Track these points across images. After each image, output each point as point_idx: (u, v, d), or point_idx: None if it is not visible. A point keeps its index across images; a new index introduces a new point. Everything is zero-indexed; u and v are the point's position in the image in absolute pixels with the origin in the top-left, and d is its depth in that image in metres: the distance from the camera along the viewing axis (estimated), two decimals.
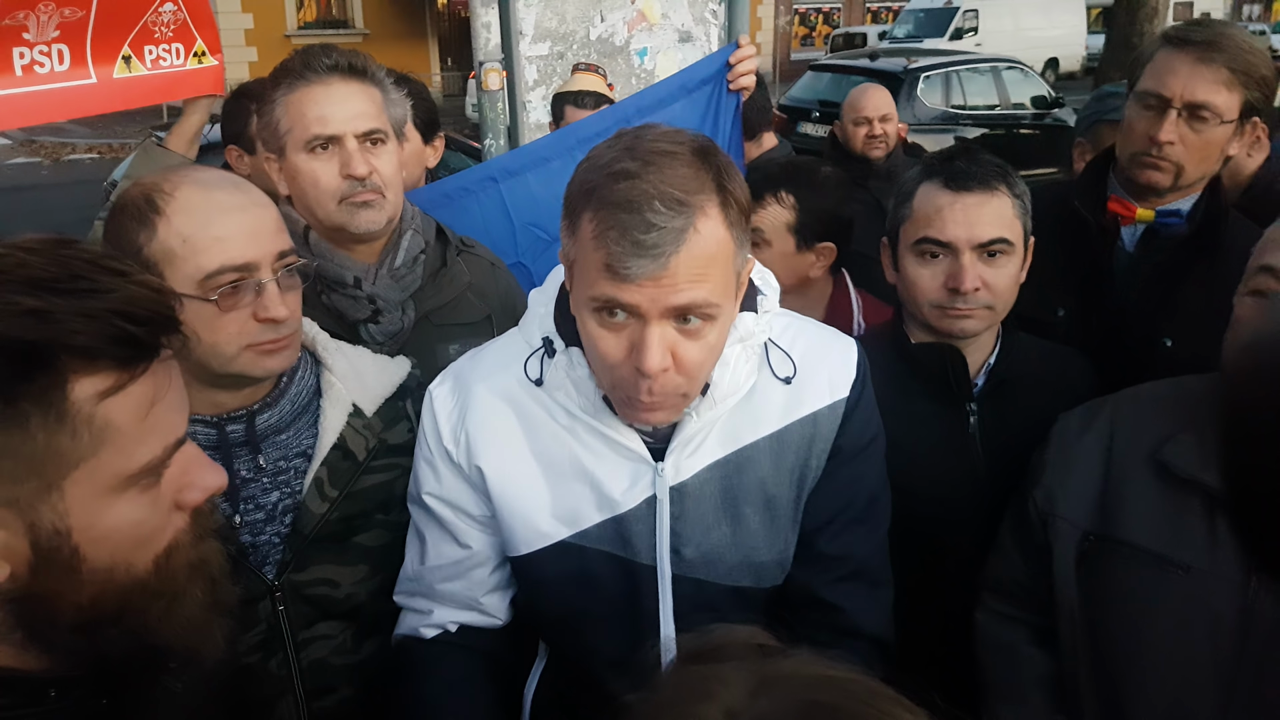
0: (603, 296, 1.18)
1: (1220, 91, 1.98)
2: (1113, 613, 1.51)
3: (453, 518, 1.47)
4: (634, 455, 1.37)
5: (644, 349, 1.18)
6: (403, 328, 1.95)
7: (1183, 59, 2.00)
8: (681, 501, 1.37)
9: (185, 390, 0.98)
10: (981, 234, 1.73)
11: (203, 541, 1.00)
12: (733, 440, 1.39)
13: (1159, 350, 2.02)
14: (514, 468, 1.41)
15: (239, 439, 1.51)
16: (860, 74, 11.87)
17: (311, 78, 1.83)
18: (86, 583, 0.88)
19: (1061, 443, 1.65)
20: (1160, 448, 1.50)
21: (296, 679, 1.54)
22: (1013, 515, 1.72)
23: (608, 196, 1.15)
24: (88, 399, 0.85)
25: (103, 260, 0.89)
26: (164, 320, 0.91)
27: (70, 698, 0.93)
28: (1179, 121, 2.00)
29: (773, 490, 1.41)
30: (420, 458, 1.49)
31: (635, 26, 6.61)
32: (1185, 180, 2.05)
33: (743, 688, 0.60)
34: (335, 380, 1.60)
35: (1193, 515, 1.45)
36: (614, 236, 1.14)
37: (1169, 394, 1.59)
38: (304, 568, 1.53)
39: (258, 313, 1.41)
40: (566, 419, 1.38)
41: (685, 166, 1.17)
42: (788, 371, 1.41)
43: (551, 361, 1.37)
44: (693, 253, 1.15)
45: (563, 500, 1.39)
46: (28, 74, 2.14)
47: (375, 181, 1.85)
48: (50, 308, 0.82)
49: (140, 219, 1.36)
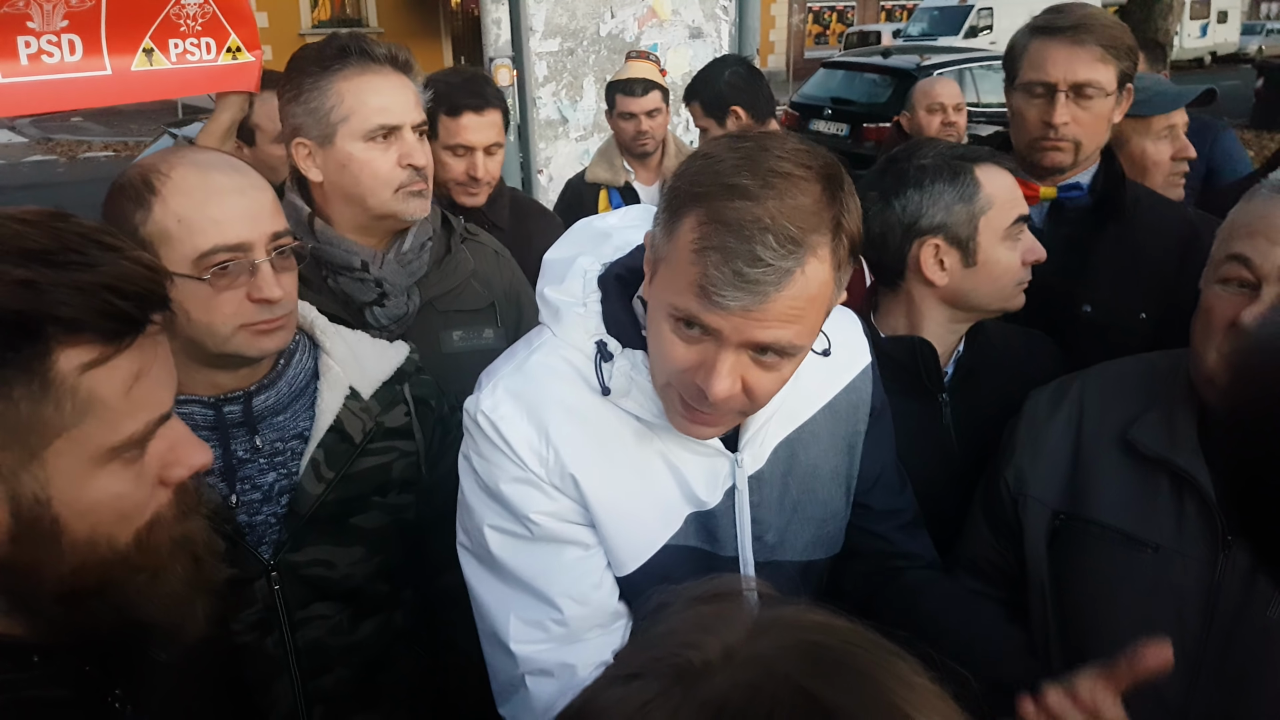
0: (686, 311, 1.11)
1: (1098, 68, 2.13)
2: (1082, 591, 1.53)
3: (569, 527, 1.31)
4: (709, 450, 1.33)
5: (713, 374, 1.12)
6: (407, 312, 1.97)
7: (1058, 45, 2.15)
8: (760, 489, 1.37)
9: (173, 366, 0.98)
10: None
11: (187, 519, 1.00)
12: (791, 420, 1.40)
13: (1081, 318, 2.12)
14: (611, 480, 1.30)
15: (236, 419, 1.52)
16: (873, 71, 11.87)
17: (370, 66, 1.86)
18: (67, 553, 0.89)
19: (1031, 422, 1.67)
20: (1128, 427, 1.52)
21: (292, 659, 1.55)
22: (984, 493, 1.73)
23: (718, 212, 1.07)
24: (72, 370, 0.85)
25: (97, 235, 0.90)
26: (154, 296, 0.91)
27: (55, 664, 0.93)
28: (1068, 103, 2.14)
29: (833, 460, 1.45)
30: (506, 481, 1.30)
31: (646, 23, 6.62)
32: (1084, 154, 2.19)
33: (742, 628, 0.60)
34: (333, 363, 1.61)
35: (1161, 494, 1.47)
36: (715, 260, 1.06)
37: (1136, 372, 1.61)
38: (300, 548, 1.54)
39: (252, 293, 1.42)
40: (638, 424, 1.31)
41: (807, 197, 1.08)
42: (824, 345, 1.37)
43: (610, 366, 1.28)
44: (793, 293, 1.08)
45: (658, 502, 1.33)
46: (34, 63, 2.14)
47: (426, 172, 1.92)
48: (40, 279, 0.83)
49: (137, 199, 1.37)
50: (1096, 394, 1.62)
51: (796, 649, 0.58)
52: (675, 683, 0.57)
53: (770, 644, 0.58)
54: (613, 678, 0.60)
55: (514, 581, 1.32)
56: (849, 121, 11.47)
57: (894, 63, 11.74)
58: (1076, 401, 1.63)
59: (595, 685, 0.61)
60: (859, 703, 0.55)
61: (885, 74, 11.58)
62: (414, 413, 1.69)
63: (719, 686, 0.56)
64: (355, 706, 1.62)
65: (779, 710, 0.53)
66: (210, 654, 1.24)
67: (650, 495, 1.32)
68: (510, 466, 1.30)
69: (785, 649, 0.58)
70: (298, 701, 1.56)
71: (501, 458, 1.30)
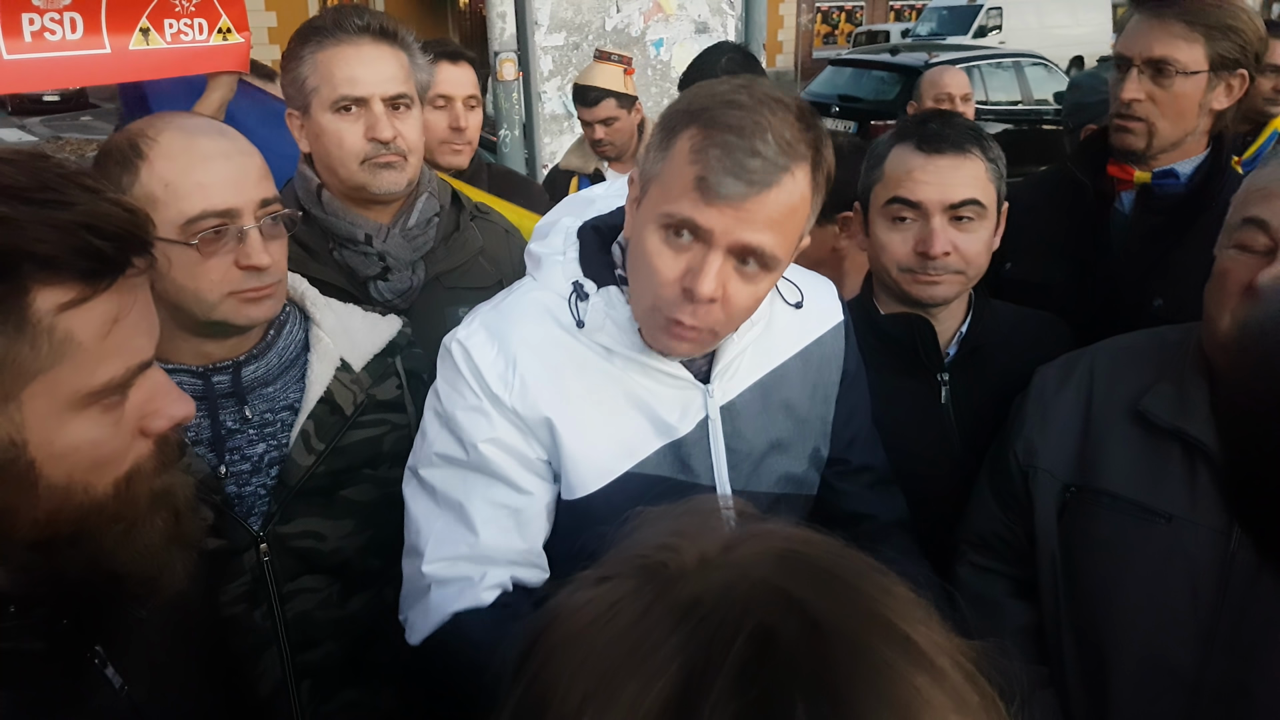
0: (679, 215, 1.21)
1: (1178, 45, 1.98)
2: (1094, 563, 1.51)
3: (509, 463, 1.38)
4: (682, 382, 1.40)
5: (702, 273, 1.21)
6: (412, 286, 1.96)
7: (1140, 18, 2.04)
8: (732, 420, 1.44)
9: (155, 314, 0.97)
10: (953, 195, 1.70)
11: (167, 472, 0.99)
12: (766, 362, 1.49)
13: (1148, 312, 2.01)
14: (572, 407, 1.38)
15: (225, 389, 1.51)
16: (881, 68, 11.84)
17: (342, 37, 1.86)
18: (43, 499, 0.88)
19: (1040, 395, 1.65)
20: (1140, 398, 1.50)
21: (281, 631, 1.53)
22: (991, 467, 1.71)
23: (720, 118, 1.19)
24: (48, 310, 0.84)
25: (77, 176, 0.89)
26: (133, 239, 0.90)
27: (31, 617, 0.92)
28: (1142, 79, 2.02)
29: (803, 405, 1.53)
30: (463, 409, 1.39)
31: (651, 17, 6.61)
32: (1161, 140, 2.04)
33: (719, 538, 0.60)
34: (323, 334, 1.60)
35: (1173, 464, 1.45)
36: (717, 155, 1.18)
37: (1147, 344, 1.60)
38: (289, 520, 1.53)
39: (240, 260, 1.41)
40: (610, 358, 1.39)
41: (795, 120, 1.21)
42: (797, 298, 1.54)
43: (586, 305, 1.38)
44: (780, 197, 1.20)
45: (621, 433, 1.40)
46: (38, 40, 2.16)
47: (399, 145, 1.89)
48: (17, 215, 0.82)
49: (123, 163, 1.36)
50: (1106, 366, 1.60)
51: (774, 555, 0.57)
52: (647, 583, 0.56)
53: (748, 550, 0.57)
54: (583, 580, 0.59)
55: (444, 503, 1.40)
56: (857, 119, 11.43)
57: (902, 60, 11.70)
58: (1086, 374, 1.61)
59: (566, 590, 0.60)
60: (841, 609, 0.53)
61: (893, 71, 11.54)
62: (406, 386, 1.68)
63: (692, 587, 0.54)
64: (344, 681, 1.61)
65: (754, 609, 0.52)
66: (195, 619, 1.23)
67: (614, 424, 1.39)
68: (469, 394, 1.38)
69: (762, 555, 0.57)
70: (286, 674, 1.55)
71: (463, 385, 1.39)
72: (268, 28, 19.55)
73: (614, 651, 0.53)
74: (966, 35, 19.80)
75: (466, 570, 1.36)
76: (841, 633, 0.52)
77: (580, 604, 0.57)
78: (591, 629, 0.55)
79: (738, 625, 0.52)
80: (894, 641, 0.53)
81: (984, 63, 11.80)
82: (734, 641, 0.51)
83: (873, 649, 0.52)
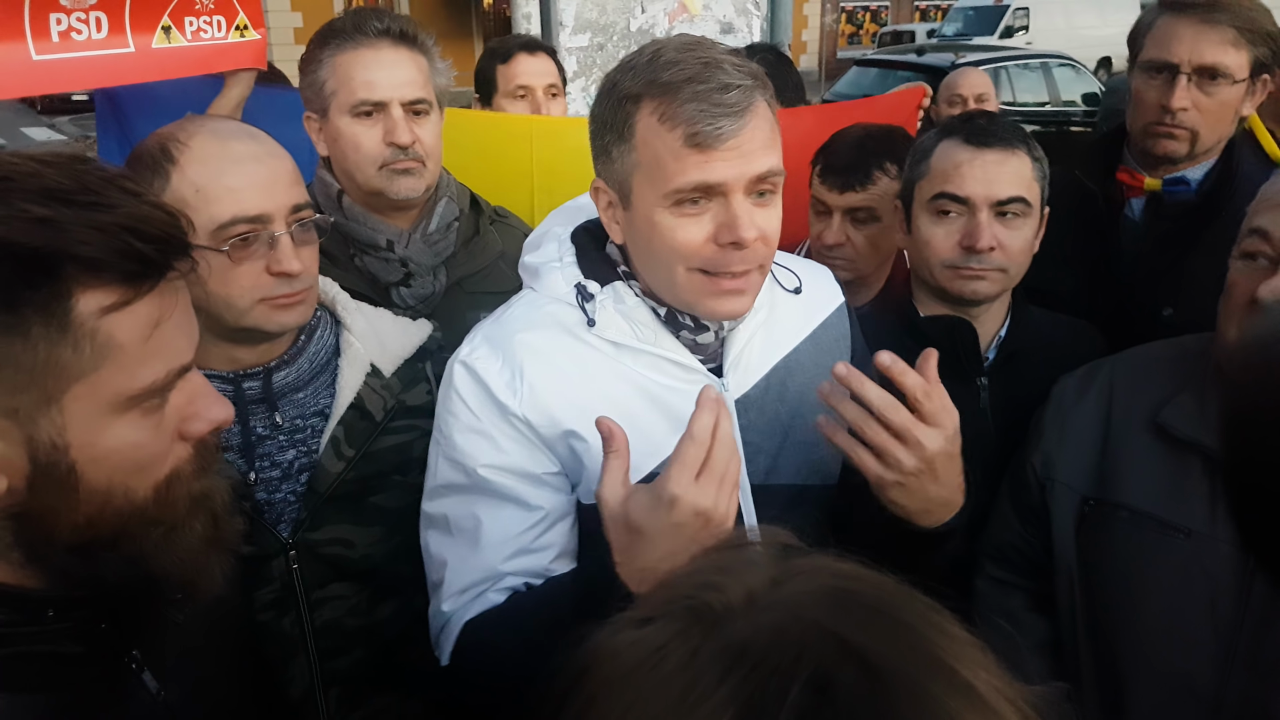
0: (687, 184, 1.22)
1: (1229, 51, 1.95)
2: (1112, 577, 1.50)
3: (516, 484, 1.35)
4: (695, 375, 1.38)
5: (737, 220, 1.23)
6: (434, 292, 1.96)
7: (1186, 23, 1.97)
8: (747, 412, 1.42)
9: (194, 318, 0.97)
10: (1000, 191, 1.69)
11: (206, 475, 0.99)
12: (775, 352, 1.47)
13: (1159, 321, 1.98)
14: (587, 411, 1.32)
15: (256, 395, 1.51)
16: (907, 69, 11.74)
17: (361, 40, 1.85)
18: (84, 502, 0.88)
19: (1059, 406, 1.64)
20: (1159, 410, 1.48)
21: (309, 639, 1.53)
22: (1011, 480, 1.70)
23: (669, 78, 1.20)
24: (91, 313, 0.84)
25: (117, 179, 0.89)
26: (173, 241, 0.90)
27: (69, 618, 0.93)
28: (1190, 86, 1.97)
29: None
30: (463, 431, 1.36)
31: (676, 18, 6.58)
32: (1201, 146, 2.02)
33: (765, 573, 0.57)
34: (354, 340, 1.59)
35: (1193, 478, 1.43)
36: (691, 107, 1.19)
37: (1167, 355, 1.58)
38: (319, 526, 1.53)
39: (271, 266, 1.41)
40: (621, 355, 1.37)
41: (722, 45, 1.26)
42: (795, 283, 1.53)
43: (591, 305, 1.36)
44: (761, 117, 1.23)
45: (641, 432, 1.34)
46: (64, 40, 2.18)
47: (417, 151, 1.88)
48: (59, 217, 0.82)
49: (154, 168, 1.37)
50: (1126, 378, 1.58)
51: (824, 594, 0.54)
52: (693, 625, 0.53)
53: (796, 589, 0.55)
54: (625, 621, 0.57)
55: (457, 531, 1.37)
56: None
57: (928, 60, 11.60)
58: (1106, 386, 1.59)
59: (606, 630, 0.57)
60: (901, 654, 0.50)
61: (919, 72, 11.43)
62: (435, 391, 1.67)
63: (741, 630, 0.52)
64: (372, 689, 1.60)
65: (807, 654, 0.49)
66: (231, 624, 1.23)
67: (634, 424, 1.33)
68: (466, 415, 1.36)
69: (812, 594, 0.54)
70: (314, 682, 1.55)
71: (460, 408, 1.36)
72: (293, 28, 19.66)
73: (662, 699, 0.51)
74: (993, 36, 19.66)
75: (481, 589, 1.35)
76: (903, 681, 0.49)
77: (623, 646, 0.55)
78: (637, 674, 0.53)
79: (791, 673, 0.49)
80: (957, 689, 0.51)
81: (1010, 64, 11.69)
82: (789, 691, 0.49)
83: (936, 698, 0.49)
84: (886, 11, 29.58)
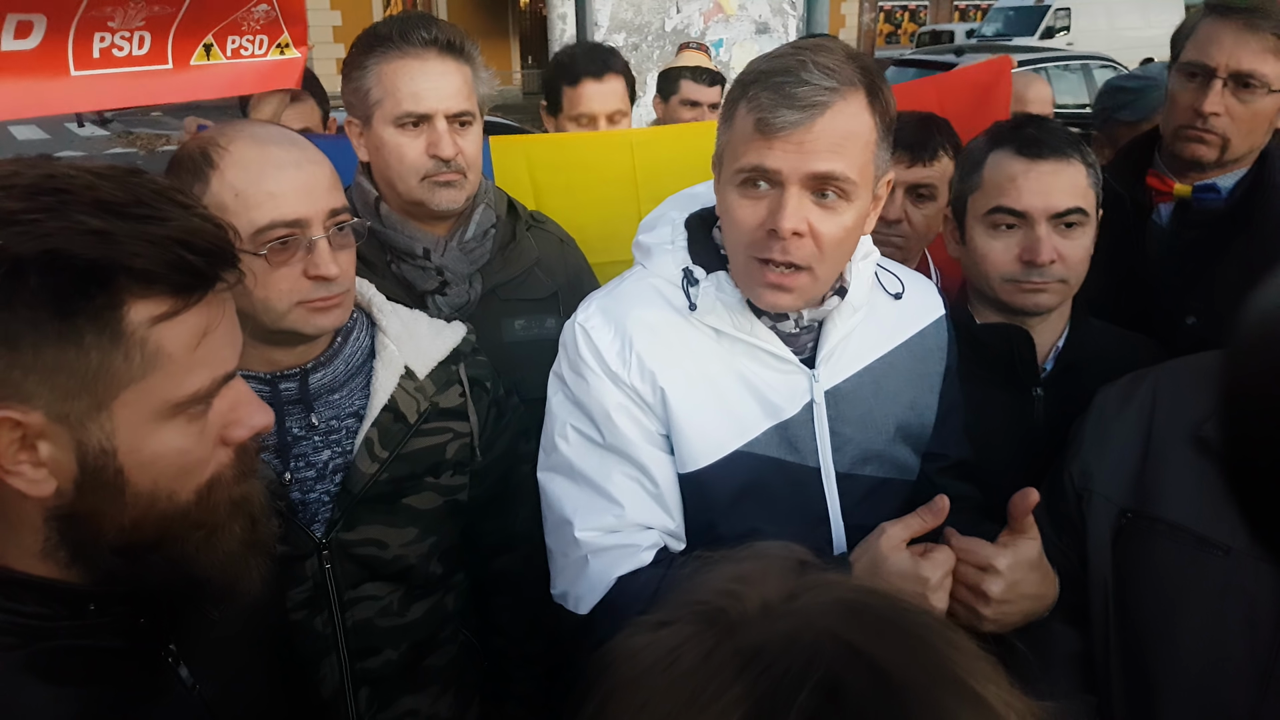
0: (748, 165, 1.31)
1: (1268, 60, 1.92)
2: (1147, 592, 1.47)
3: (636, 435, 1.44)
4: (788, 365, 1.46)
5: (781, 210, 1.29)
6: (469, 300, 1.96)
7: (1227, 27, 1.95)
8: (837, 404, 1.49)
9: (238, 327, 1.00)
10: (1058, 203, 1.67)
11: (246, 480, 1.02)
12: (870, 351, 1.53)
13: (1182, 329, 1.96)
14: (685, 384, 1.45)
15: (292, 396, 1.53)
16: (945, 69, 11.63)
17: (408, 49, 1.84)
18: (129, 505, 0.91)
19: (1100, 415, 1.61)
20: (1203, 423, 1.45)
21: (340, 639, 1.55)
22: (1048, 490, 1.66)
23: (765, 70, 1.31)
24: (142, 322, 0.87)
25: (169, 192, 0.92)
26: (223, 253, 0.93)
27: (109, 614, 0.96)
28: (1224, 92, 1.94)
29: (908, 393, 1.56)
30: (587, 385, 1.45)
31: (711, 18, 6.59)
32: (1232, 153, 1.99)
33: (782, 585, 0.59)
34: (389, 342, 1.61)
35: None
36: (766, 97, 1.28)
37: (1214, 365, 1.53)
38: (352, 527, 1.55)
39: (309, 270, 1.43)
40: (720, 339, 1.46)
41: (839, 52, 1.32)
42: (897, 288, 1.58)
43: (696, 290, 1.44)
44: (835, 121, 1.28)
45: (732, 412, 1.45)
46: (105, 57, 2.20)
47: (459, 163, 1.88)
48: (114, 229, 0.85)
49: (195, 172, 1.38)
50: (1171, 389, 1.55)
51: (838, 605, 0.56)
52: (708, 628, 0.55)
53: (811, 600, 0.56)
54: (643, 624, 0.58)
55: (580, 479, 1.46)
56: None
57: (967, 61, 11.50)
58: (1149, 397, 1.56)
59: (625, 632, 0.59)
60: (911, 662, 0.51)
61: None
62: (469, 394, 1.69)
63: (754, 635, 0.54)
64: (402, 689, 1.62)
65: (818, 659, 0.50)
66: (266, 622, 1.25)
67: (725, 404, 1.45)
68: (590, 372, 1.45)
69: (826, 605, 0.56)
70: (344, 682, 1.57)
71: (584, 365, 1.46)
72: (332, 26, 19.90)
73: (674, 697, 0.53)
74: (1033, 36, 19.41)
75: (621, 539, 1.43)
76: (912, 688, 0.51)
77: (639, 647, 0.57)
78: (651, 673, 0.55)
79: (803, 675, 0.51)
80: (966, 699, 0.52)
81: (1051, 65, 11.54)
82: (799, 692, 0.50)
83: (945, 706, 0.50)
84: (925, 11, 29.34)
